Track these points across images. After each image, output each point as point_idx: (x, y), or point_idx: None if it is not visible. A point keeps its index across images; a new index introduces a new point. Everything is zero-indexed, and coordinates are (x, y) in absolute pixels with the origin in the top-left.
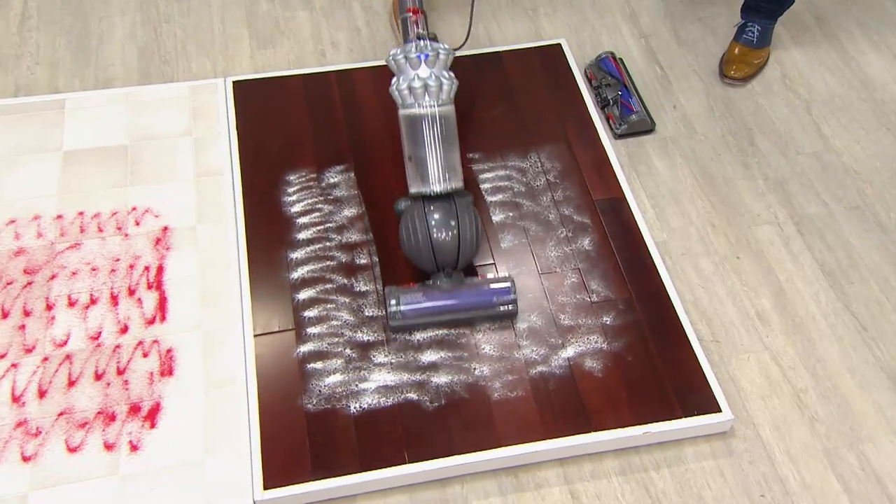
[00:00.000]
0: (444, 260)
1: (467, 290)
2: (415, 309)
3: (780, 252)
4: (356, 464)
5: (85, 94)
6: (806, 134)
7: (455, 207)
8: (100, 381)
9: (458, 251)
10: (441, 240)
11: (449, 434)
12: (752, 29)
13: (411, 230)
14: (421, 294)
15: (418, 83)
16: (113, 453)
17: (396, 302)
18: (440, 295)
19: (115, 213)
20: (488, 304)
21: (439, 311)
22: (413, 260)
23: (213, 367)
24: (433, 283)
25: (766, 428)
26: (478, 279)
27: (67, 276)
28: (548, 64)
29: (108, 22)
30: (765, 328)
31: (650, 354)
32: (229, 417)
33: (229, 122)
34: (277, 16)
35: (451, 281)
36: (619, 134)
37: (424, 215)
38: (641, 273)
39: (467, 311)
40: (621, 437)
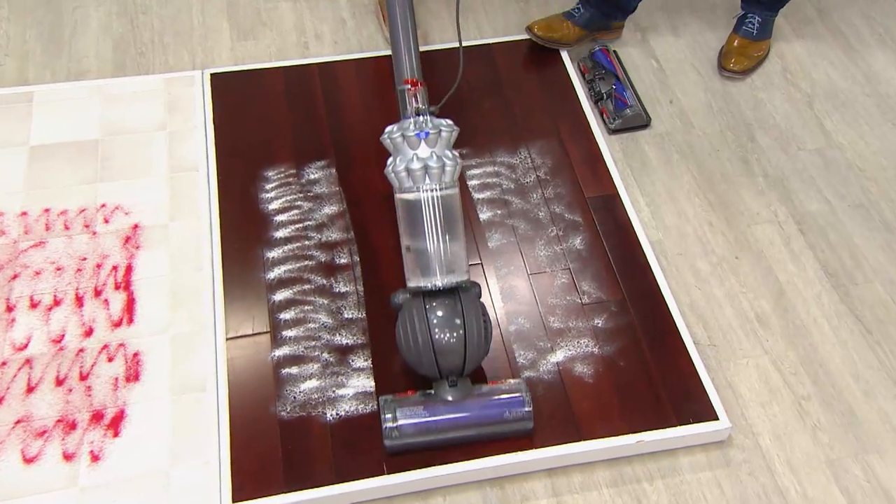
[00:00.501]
0: (448, 366)
1: (476, 401)
2: (416, 425)
3: (780, 252)
4: (332, 475)
5: (55, 87)
6: (808, 129)
7: (460, 304)
8: (61, 387)
9: (464, 356)
10: (445, 342)
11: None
12: (752, 20)
13: (410, 331)
14: (422, 407)
15: (417, 164)
16: (72, 464)
17: (393, 417)
18: (444, 408)
19: (84, 210)
20: (499, 419)
21: (443, 427)
22: (412, 365)
23: (182, 373)
24: (436, 393)
25: (766, 437)
26: (486, 387)
27: (30, 275)
28: (539, 57)
29: (83, 12)
30: (764, 331)
31: (644, 359)
32: (198, 425)
33: (206, 115)
34: (259, 6)
35: (457, 391)
36: (612, 129)
37: (425, 314)
38: (635, 273)
39: (476, 428)
40: (613, 447)
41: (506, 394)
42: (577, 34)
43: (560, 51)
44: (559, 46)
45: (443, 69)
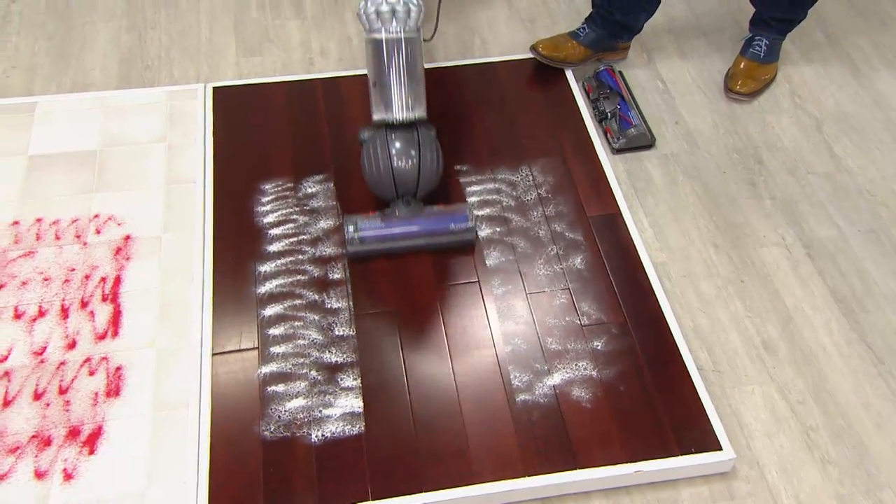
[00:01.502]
0: (404, 187)
1: (426, 217)
2: (373, 235)
3: (787, 276)
4: (314, 500)
5: (57, 98)
6: (816, 153)
7: (417, 136)
8: (39, 402)
9: (417, 179)
10: (402, 167)
11: (419, 468)
12: (759, 43)
13: (373, 157)
14: (380, 220)
15: (386, 7)
16: (44, 482)
17: (354, 228)
18: (399, 221)
19: (76, 220)
20: (445, 230)
21: (397, 237)
22: (373, 187)
23: (165, 388)
24: (392, 210)
25: (772, 469)
26: (436, 208)
27: (17, 286)
28: (544, 76)
29: (92, 27)
30: (771, 358)
31: (644, 384)
32: (177, 444)
33: (206, 128)
34: (267, 24)
35: (411, 209)
36: (617, 148)
37: (386, 143)
38: (637, 295)
39: (425, 238)
40: (610, 476)
41: (451, 212)
42: (583, 54)
43: (565, 70)
44: (564, 66)
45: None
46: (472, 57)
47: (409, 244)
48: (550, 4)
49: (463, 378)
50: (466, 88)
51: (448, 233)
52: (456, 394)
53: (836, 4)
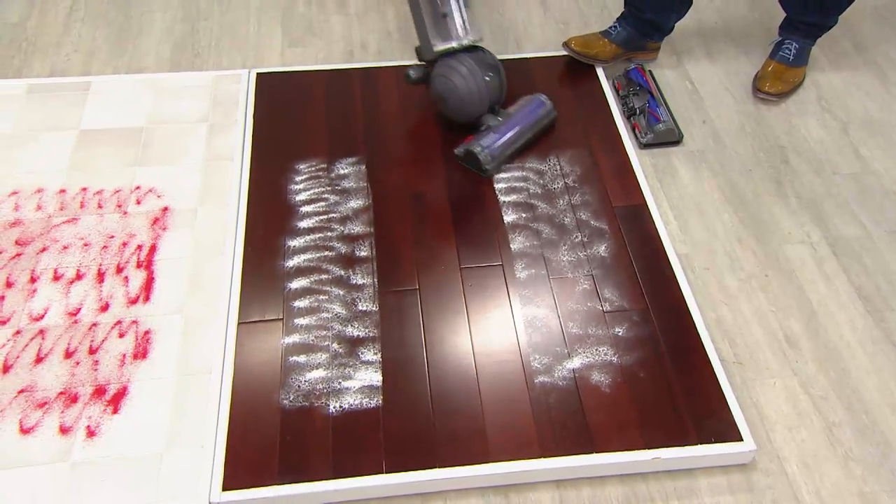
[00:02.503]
0: (493, 99)
1: (518, 115)
2: (498, 146)
3: (812, 273)
4: (328, 469)
5: (111, 78)
6: (843, 155)
7: (487, 53)
8: (69, 360)
9: (500, 87)
10: (489, 81)
11: (434, 444)
12: (789, 47)
13: (458, 82)
14: (492, 133)
15: None
16: (67, 438)
17: (481, 148)
18: (506, 127)
19: (118, 191)
20: (537, 117)
21: (514, 138)
22: (461, 110)
23: (190, 354)
24: (489, 125)
25: (793, 463)
26: (511, 107)
27: (58, 249)
28: (575, 72)
29: (150, 17)
30: (794, 352)
31: (665, 372)
32: (198, 408)
33: (247, 110)
34: (312, 17)
35: (502, 115)
36: (644, 143)
37: (468, 65)
38: (660, 284)
39: (530, 130)
40: (627, 462)
41: (529, 103)
42: (614, 52)
43: (595, 67)
44: (595, 62)
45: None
46: (507, 53)
47: (524, 140)
48: (583, 8)
49: (482, 358)
50: None
51: (540, 118)
52: (475, 373)
53: (866, 15)
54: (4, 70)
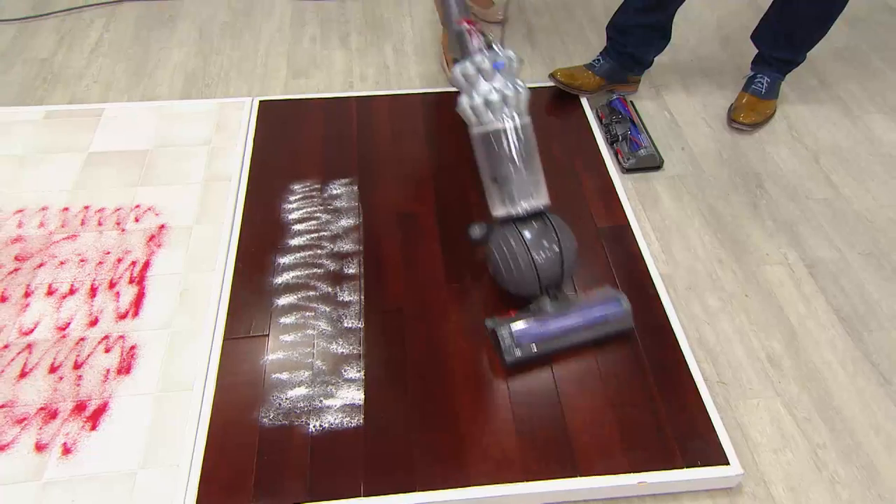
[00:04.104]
0: (548, 280)
1: (579, 309)
2: (530, 335)
3: (791, 293)
4: (304, 491)
5: (123, 105)
6: (815, 181)
7: (551, 223)
8: (53, 374)
9: (561, 269)
10: (544, 258)
11: (414, 465)
12: (761, 80)
13: (510, 254)
14: (533, 321)
15: (496, 96)
16: (42, 455)
17: (510, 334)
18: (553, 319)
19: (119, 209)
20: (602, 320)
21: (556, 335)
22: (513, 286)
23: (173, 370)
24: (539, 307)
25: (779, 486)
26: (583, 296)
27: (55, 265)
28: (560, 101)
29: (167, 52)
30: (776, 372)
31: (650, 393)
32: (177, 425)
33: (248, 134)
34: (316, 53)
35: (559, 303)
36: (627, 168)
37: (522, 237)
38: (643, 304)
39: (584, 331)
40: (612, 486)
41: (604, 300)
42: (597, 83)
43: (580, 97)
44: (579, 93)
45: None
46: None
47: (569, 341)
48: (568, 46)
49: (464, 378)
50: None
51: (605, 322)
52: (457, 393)
53: (829, 55)
54: (28, 99)
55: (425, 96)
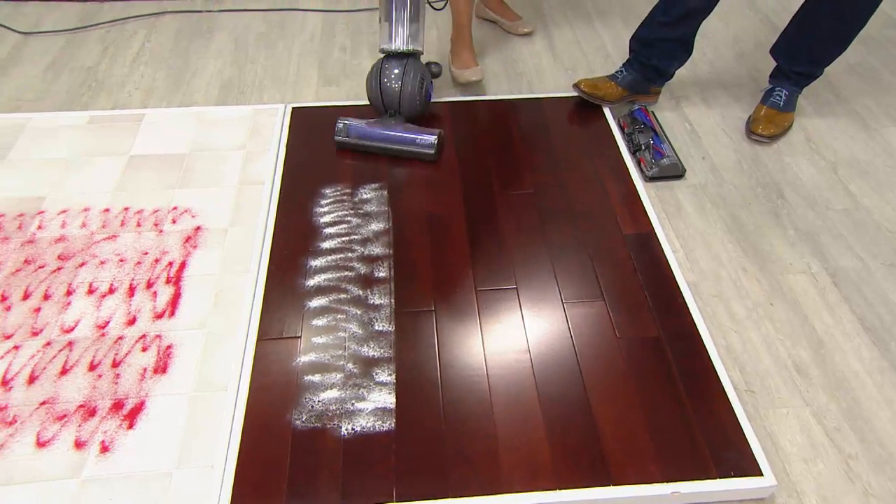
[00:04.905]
0: (389, 103)
1: (401, 128)
2: (356, 129)
3: (816, 302)
4: (336, 495)
5: (162, 111)
6: (834, 192)
7: (405, 64)
8: (92, 372)
9: (399, 97)
10: (388, 87)
11: (447, 472)
12: (779, 93)
13: (371, 75)
14: (364, 123)
15: None
16: (81, 452)
17: (344, 124)
18: (379, 126)
19: (157, 210)
20: (412, 142)
21: (373, 136)
22: (370, 101)
23: (208, 370)
24: (378, 119)
25: (812, 497)
26: (414, 126)
27: (96, 265)
28: (584, 111)
29: (204, 62)
30: (804, 381)
31: (680, 401)
32: (211, 426)
33: (281, 139)
34: (346, 62)
35: (393, 120)
36: (650, 176)
37: (380, 66)
38: (671, 311)
39: (394, 143)
40: (645, 496)
41: (422, 131)
42: (620, 94)
43: (603, 107)
44: (602, 103)
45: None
46: (521, 93)
47: (381, 145)
48: (589, 56)
49: (496, 382)
50: (515, 118)
51: (413, 144)
52: (489, 398)
53: (843, 70)
54: (74, 104)
55: (452, 104)
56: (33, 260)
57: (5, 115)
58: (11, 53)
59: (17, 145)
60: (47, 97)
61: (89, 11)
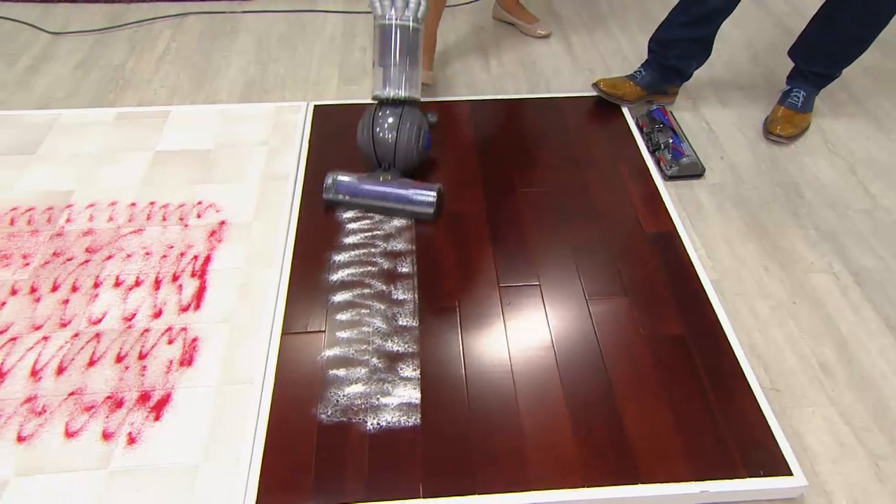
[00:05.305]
0: (382, 156)
1: (397, 184)
2: (345, 185)
3: (838, 301)
4: (362, 490)
5: (187, 108)
6: (853, 192)
7: (401, 113)
8: (119, 364)
9: (394, 149)
10: (382, 138)
11: (473, 468)
12: (797, 94)
13: (362, 125)
14: (356, 178)
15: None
16: (109, 444)
17: (333, 179)
18: (371, 182)
19: (182, 205)
20: (408, 200)
21: (366, 194)
22: (362, 152)
23: (234, 363)
24: (371, 174)
25: (842, 498)
26: (410, 180)
27: (123, 258)
28: (602, 111)
29: (227, 60)
30: (829, 380)
31: (707, 400)
32: (237, 420)
33: (303, 136)
34: (366, 62)
35: (387, 175)
36: (669, 175)
37: (374, 114)
38: (695, 309)
39: (389, 202)
40: (673, 494)
41: (420, 186)
42: (638, 94)
43: (621, 106)
44: (621, 102)
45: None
46: (539, 92)
47: (374, 203)
48: (606, 58)
49: (521, 378)
50: (535, 117)
51: (409, 202)
52: (514, 394)
53: (857, 73)
54: (101, 101)
55: (472, 103)
56: (62, 252)
57: (35, 112)
58: (42, 53)
59: (46, 141)
60: (76, 94)
61: (116, 12)
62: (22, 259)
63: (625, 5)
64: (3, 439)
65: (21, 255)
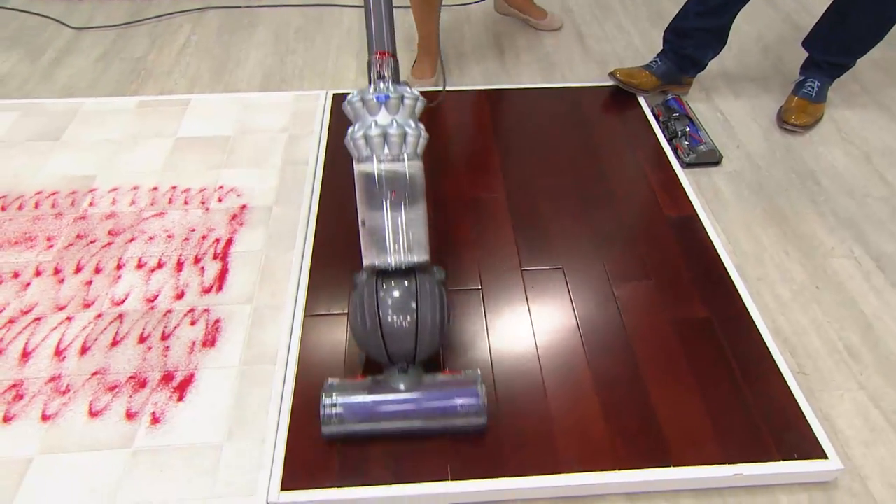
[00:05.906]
0: (398, 352)
1: (425, 391)
2: (356, 410)
3: (861, 286)
4: (389, 474)
5: (207, 96)
6: (870, 181)
7: (416, 286)
8: (142, 344)
9: (415, 342)
10: (395, 326)
11: (500, 451)
12: (811, 84)
13: (360, 312)
14: (366, 391)
15: (375, 131)
16: (132, 423)
17: (332, 402)
18: (391, 396)
19: (204, 189)
20: (450, 411)
21: (388, 415)
22: (363, 348)
23: (256, 344)
24: (384, 379)
25: (876, 482)
26: (440, 376)
27: (145, 240)
28: (618, 100)
29: (246, 52)
30: (857, 364)
31: (737, 384)
32: (261, 401)
33: (323, 123)
34: None
35: (407, 378)
36: (687, 163)
37: (376, 294)
38: (719, 293)
39: (423, 419)
40: (705, 477)
41: (458, 385)
42: (654, 83)
43: (637, 95)
44: (637, 91)
45: (517, 105)
46: (553, 82)
47: (402, 426)
48: (619, 51)
49: (547, 361)
50: (552, 106)
51: (453, 415)
52: (541, 377)
53: (867, 65)
54: (124, 91)
55: (489, 92)
56: (85, 235)
57: (59, 100)
58: (66, 46)
59: (69, 128)
60: (99, 85)
61: (138, 7)
62: (46, 241)
63: (636, 3)
64: (27, 418)
65: (45, 238)
